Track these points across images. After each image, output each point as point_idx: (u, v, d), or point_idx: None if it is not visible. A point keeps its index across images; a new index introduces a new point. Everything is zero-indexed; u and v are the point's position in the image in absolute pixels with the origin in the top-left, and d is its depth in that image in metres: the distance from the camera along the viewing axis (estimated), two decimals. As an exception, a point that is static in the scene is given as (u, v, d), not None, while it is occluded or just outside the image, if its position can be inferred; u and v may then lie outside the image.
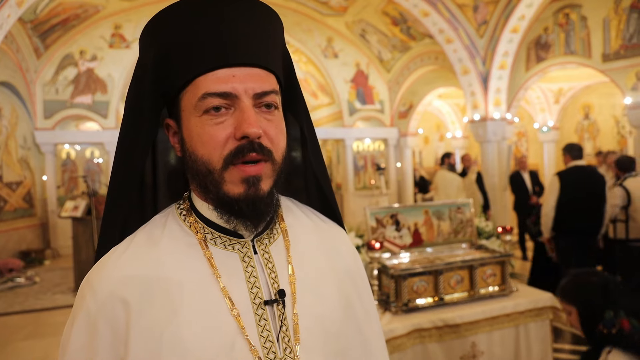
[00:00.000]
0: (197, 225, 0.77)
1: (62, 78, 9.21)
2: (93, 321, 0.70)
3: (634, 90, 6.59)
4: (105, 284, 0.71)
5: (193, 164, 0.73)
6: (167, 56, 0.74)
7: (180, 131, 0.76)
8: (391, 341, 2.54)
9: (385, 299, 2.79)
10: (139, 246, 0.75)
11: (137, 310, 0.69)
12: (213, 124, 0.71)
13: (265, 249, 0.79)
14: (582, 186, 4.61)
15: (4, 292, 6.73)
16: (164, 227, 0.78)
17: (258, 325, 0.72)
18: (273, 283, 0.76)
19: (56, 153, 9.40)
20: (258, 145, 0.70)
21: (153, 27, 0.76)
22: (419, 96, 10.76)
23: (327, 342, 0.77)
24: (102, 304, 0.70)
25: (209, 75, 0.71)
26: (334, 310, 0.79)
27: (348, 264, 0.88)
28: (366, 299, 0.90)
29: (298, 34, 10.46)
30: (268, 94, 0.73)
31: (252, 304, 0.73)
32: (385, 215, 3.05)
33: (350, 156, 11.26)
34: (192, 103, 0.72)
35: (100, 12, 8.85)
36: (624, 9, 6.62)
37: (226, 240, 0.77)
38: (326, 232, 0.89)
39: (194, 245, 0.76)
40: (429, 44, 9.40)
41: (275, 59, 0.77)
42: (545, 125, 11.56)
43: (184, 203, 0.81)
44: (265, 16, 0.78)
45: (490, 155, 8.51)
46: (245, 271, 0.76)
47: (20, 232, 8.54)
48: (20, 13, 5.46)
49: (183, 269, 0.73)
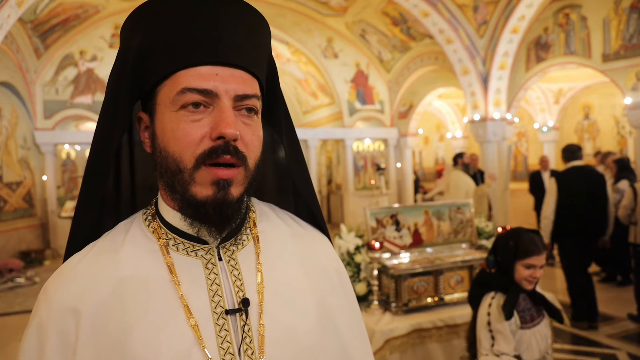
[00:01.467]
0: (160, 230, 0.74)
1: (62, 78, 9.21)
2: (44, 330, 0.68)
3: (634, 91, 6.59)
4: (58, 293, 0.70)
5: (163, 161, 0.69)
6: (150, 46, 0.71)
7: (152, 125, 0.72)
8: (391, 341, 2.54)
9: (385, 299, 2.79)
10: (98, 253, 0.73)
11: (89, 321, 0.67)
12: (189, 120, 0.67)
13: (231, 256, 0.75)
14: (580, 187, 4.57)
15: (4, 292, 6.73)
16: (126, 232, 0.75)
17: (218, 336, 0.68)
18: (238, 291, 0.72)
19: (56, 153, 9.40)
20: (233, 148, 0.67)
21: (140, 14, 0.73)
22: (419, 96, 10.77)
23: (298, 355, 0.72)
24: (53, 313, 0.68)
25: (191, 70, 0.68)
26: (308, 321, 0.74)
27: (328, 273, 0.83)
28: (349, 313, 0.84)
29: (298, 34, 10.46)
30: (249, 97, 0.70)
31: (212, 313, 0.69)
32: (385, 216, 3.05)
33: (350, 156, 11.26)
34: (169, 97, 0.69)
35: (100, 12, 8.86)
36: (624, 9, 6.62)
37: (189, 246, 0.73)
38: (304, 238, 0.84)
39: (155, 251, 0.72)
40: (429, 44, 9.40)
41: (260, 64, 0.75)
42: (545, 126, 11.56)
43: (150, 208, 0.78)
44: (256, 21, 0.76)
45: (490, 156, 8.51)
46: (208, 278, 0.72)
47: (20, 232, 8.54)
48: (20, 13, 5.47)
49: (141, 276, 0.70)
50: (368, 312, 2.75)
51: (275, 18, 9.98)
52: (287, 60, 11.73)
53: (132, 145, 0.83)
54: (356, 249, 2.95)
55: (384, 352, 2.50)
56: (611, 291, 5.69)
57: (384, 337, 2.52)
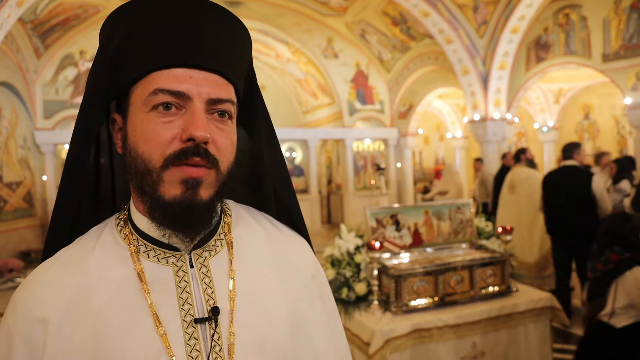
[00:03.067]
0: (131, 237, 0.73)
1: (62, 78, 9.21)
2: (11, 339, 0.68)
3: (634, 91, 6.59)
4: (26, 302, 0.69)
5: (132, 162, 0.69)
6: (127, 46, 0.71)
7: (125, 126, 0.71)
8: (391, 341, 2.54)
9: (385, 299, 2.79)
10: (68, 259, 0.72)
11: (56, 330, 0.66)
12: (160, 122, 0.67)
13: (203, 263, 0.73)
14: (564, 187, 4.55)
15: (4, 292, 6.72)
16: (98, 238, 0.74)
17: (187, 345, 0.67)
18: (208, 299, 0.71)
19: (56, 153, 9.40)
20: (204, 151, 0.66)
21: (120, 14, 0.73)
22: (419, 96, 10.77)
23: None
24: (20, 322, 0.68)
25: (165, 71, 0.68)
26: (280, 330, 0.73)
27: (304, 279, 0.81)
28: (323, 316, 0.82)
29: (298, 34, 10.45)
30: (223, 101, 0.70)
31: (182, 322, 0.69)
32: (385, 216, 3.05)
33: (350, 156, 11.26)
34: (142, 98, 0.68)
35: (100, 12, 8.86)
36: (624, 9, 6.62)
37: (160, 253, 0.72)
38: (282, 243, 0.83)
39: (126, 258, 0.71)
40: (429, 44, 9.40)
41: (237, 71, 0.75)
42: (545, 126, 11.56)
43: (123, 213, 0.77)
44: (236, 30, 0.76)
45: (490, 156, 8.51)
46: (178, 286, 0.70)
47: (20, 232, 8.54)
48: (20, 13, 5.47)
49: (110, 283, 0.69)
50: (368, 312, 2.75)
51: (275, 18, 9.97)
52: (287, 60, 11.73)
53: (110, 145, 0.83)
54: (356, 249, 2.95)
55: (384, 352, 2.50)
56: (611, 291, 5.69)
57: (384, 337, 2.52)
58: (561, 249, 4.69)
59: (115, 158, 0.83)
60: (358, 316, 2.73)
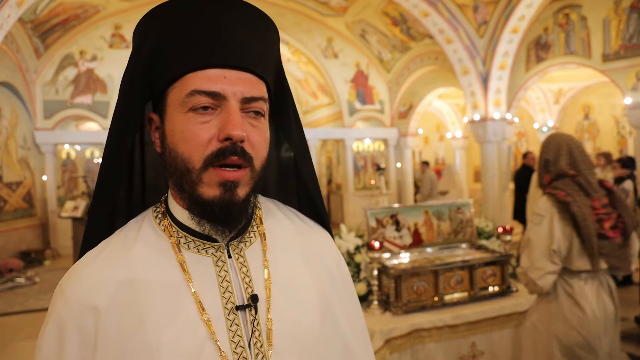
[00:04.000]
0: (171, 229, 0.76)
1: (62, 78, 9.21)
2: (63, 326, 0.70)
3: (634, 91, 6.59)
4: (75, 290, 0.71)
5: (172, 161, 0.72)
6: (161, 49, 0.73)
7: (162, 126, 0.74)
8: (391, 341, 2.54)
9: (385, 299, 2.79)
10: (112, 251, 0.75)
11: (106, 316, 0.69)
12: (198, 122, 0.70)
13: (240, 253, 0.77)
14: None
15: (4, 292, 6.73)
16: (138, 230, 0.77)
17: (229, 331, 0.71)
18: (247, 288, 0.75)
19: (56, 153, 9.41)
20: (240, 149, 0.69)
21: (152, 18, 0.76)
22: (419, 96, 10.77)
23: (303, 348, 0.75)
24: (71, 309, 0.70)
25: (199, 72, 0.70)
26: (311, 316, 0.77)
27: (330, 268, 0.86)
28: (350, 307, 0.87)
29: (298, 34, 10.46)
30: (257, 100, 0.72)
31: (224, 309, 0.72)
32: (385, 216, 3.05)
33: (350, 156, 11.26)
34: (179, 99, 0.71)
35: (100, 12, 8.86)
36: (624, 9, 6.62)
37: (200, 244, 0.76)
38: (308, 235, 0.87)
39: (167, 249, 0.75)
40: (429, 44, 9.41)
41: (268, 68, 0.77)
42: (545, 126, 11.56)
43: (160, 206, 0.80)
44: (265, 26, 0.78)
45: (490, 156, 8.51)
46: (218, 275, 0.74)
47: (20, 232, 8.54)
48: (20, 13, 5.47)
49: (154, 273, 0.72)
50: (368, 312, 2.75)
51: (275, 18, 9.92)
52: (287, 60, 11.73)
53: (143, 145, 0.85)
54: (356, 249, 2.95)
55: (384, 352, 2.50)
56: (611, 291, 5.69)
57: (384, 337, 2.52)
58: None
59: (147, 155, 0.86)
60: (358, 316, 2.72)
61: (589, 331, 2.09)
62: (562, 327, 2.14)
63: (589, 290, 2.13)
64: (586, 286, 2.13)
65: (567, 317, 2.13)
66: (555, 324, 2.17)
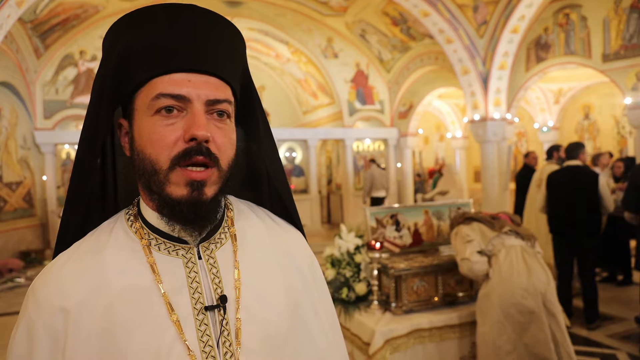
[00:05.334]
0: (142, 231, 0.78)
1: (62, 78, 9.21)
2: (33, 329, 0.71)
3: (634, 91, 6.59)
4: (46, 292, 0.72)
5: (140, 163, 0.74)
6: (128, 55, 0.76)
7: (131, 130, 0.76)
8: (391, 341, 2.54)
9: (385, 299, 2.79)
10: (83, 253, 0.76)
11: (76, 319, 0.70)
12: (164, 124, 0.72)
13: (210, 254, 0.79)
14: (566, 187, 4.64)
15: (4, 292, 6.73)
16: (110, 232, 0.79)
17: (198, 330, 0.73)
18: (216, 288, 0.76)
19: (56, 153, 9.41)
20: (206, 149, 0.71)
21: (121, 25, 0.78)
22: (418, 96, 10.77)
23: (272, 347, 0.77)
24: (42, 312, 0.71)
25: (165, 77, 0.72)
26: (281, 315, 0.79)
27: (301, 268, 0.87)
28: (321, 309, 0.88)
29: (298, 34, 10.46)
30: (221, 102, 0.74)
31: (193, 309, 0.74)
32: (385, 215, 3.05)
33: (350, 156, 11.26)
34: (145, 103, 0.73)
35: (100, 12, 8.85)
36: (624, 9, 6.62)
37: (170, 246, 0.77)
38: (280, 236, 0.89)
39: (138, 251, 0.76)
40: (429, 44, 9.41)
41: (233, 72, 0.80)
42: (545, 126, 11.56)
43: (132, 209, 0.82)
44: (230, 33, 0.81)
45: (490, 156, 8.51)
46: (188, 277, 0.76)
47: (20, 232, 8.54)
48: (20, 13, 5.47)
49: (125, 275, 0.74)
50: (368, 312, 2.75)
51: (275, 18, 9.97)
52: (287, 60, 11.73)
53: (114, 148, 0.87)
54: (356, 249, 2.95)
55: (384, 352, 2.50)
56: (611, 291, 5.69)
57: (384, 337, 2.52)
58: (564, 249, 4.67)
59: (118, 158, 0.88)
60: (358, 316, 2.73)
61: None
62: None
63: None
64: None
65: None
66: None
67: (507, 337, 2.46)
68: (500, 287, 2.52)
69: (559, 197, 4.61)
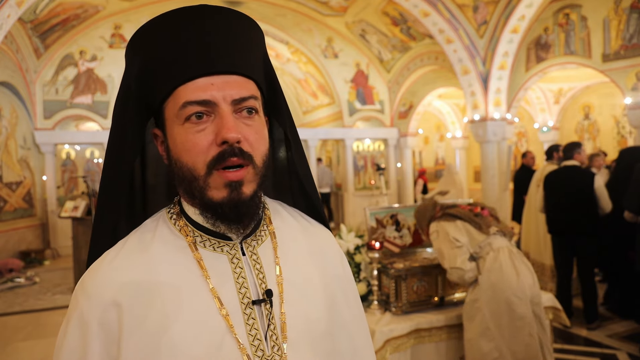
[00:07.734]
0: (187, 228, 0.80)
1: (62, 78, 9.21)
2: (87, 323, 0.72)
3: (634, 91, 6.59)
4: (98, 288, 0.74)
5: (179, 171, 0.76)
6: (149, 69, 0.77)
7: (165, 140, 0.78)
8: (391, 341, 2.54)
9: (385, 299, 2.79)
10: (130, 250, 0.78)
11: (129, 313, 0.71)
12: (195, 131, 0.73)
13: (253, 251, 0.81)
14: (563, 187, 4.65)
15: (4, 292, 6.73)
16: (154, 231, 0.80)
17: (246, 324, 0.75)
18: (261, 283, 0.79)
19: (56, 153, 9.40)
20: (238, 150, 0.73)
21: (136, 41, 0.80)
22: (419, 96, 10.76)
23: (315, 341, 0.79)
24: (95, 306, 0.72)
25: (188, 84, 0.73)
26: (321, 310, 0.82)
27: (334, 264, 0.90)
28: (354, 304, 0.91)
29: (298, 34, 10.46)
30: (247, 99, 0.75)
31: (240, 304, 0.76)
32: (385, 216, 3.05)
33: (350, 156, 11.26)
34: (174, 112, 0.75)
35: (100, 12, 8.85)
36: (624, 9, 6.62)
37: (215, 242, 0.79)
38: (313, 234, 0.91)
39: (184, 248, 0.78)
40: (429, 44, 9.40)
41: (254, 66, 0.80)
42: (545, 126, 11.55)
43: (174, 207, 0.83)
44: (244, 25, 0.81)
45: (490, 156, 8.51)
46: (234, 272, 0.78)
47: (20, 232, 8.54)
48: (20, 13, 5.46)
49: (174, 271, 0.76)
50: (368, 312, 2.75)
51: (275, 18, 9.97)
52: (287, 60, 11.73)
53: (143, 147, 0.88)
54: (356, 249, 2.95)
55: (384, 352, 2.50)
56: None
57: (384, 337, 2.52)
58: (563, 249, 4.68)
59: (146, 156, 0.89)
60: (358, 316, 2.72)
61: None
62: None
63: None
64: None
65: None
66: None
67: (495, 344, 2.42)
68: (489, 293, 2.46)
69: (556, 197, 4.63)
